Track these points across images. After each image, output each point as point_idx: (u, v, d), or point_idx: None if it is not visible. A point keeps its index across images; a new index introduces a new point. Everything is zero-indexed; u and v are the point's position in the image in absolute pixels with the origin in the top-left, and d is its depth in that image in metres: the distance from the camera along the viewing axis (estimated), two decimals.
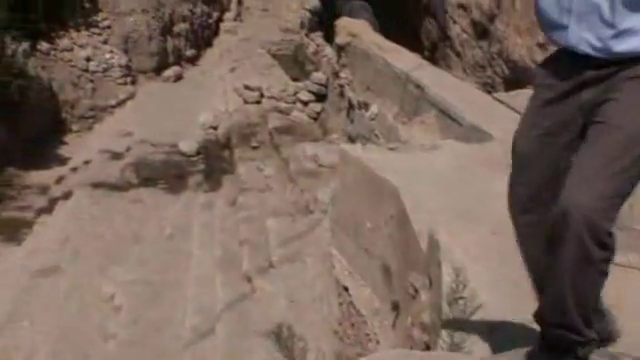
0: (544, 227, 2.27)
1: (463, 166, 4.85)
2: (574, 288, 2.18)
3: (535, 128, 2.39)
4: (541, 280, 2.41)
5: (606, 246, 2.15)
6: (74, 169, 12.96)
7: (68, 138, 15.43)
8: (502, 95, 7.35)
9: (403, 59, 9.59)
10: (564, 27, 2.27)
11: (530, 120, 2.43)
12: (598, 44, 2.20)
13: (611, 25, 2.16)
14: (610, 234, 2.14)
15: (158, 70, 18.01)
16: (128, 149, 13.33)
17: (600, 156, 2.14)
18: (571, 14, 2.23)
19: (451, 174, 4.79)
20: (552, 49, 2.46)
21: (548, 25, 2.34)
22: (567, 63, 2.30)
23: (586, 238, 2.10)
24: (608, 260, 2.19)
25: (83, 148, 14.34)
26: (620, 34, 2.17)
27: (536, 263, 2.46)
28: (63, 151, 14.58)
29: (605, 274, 2.21)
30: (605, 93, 2.21)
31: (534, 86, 2.50)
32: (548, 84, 2.38)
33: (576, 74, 2.27)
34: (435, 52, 10.88)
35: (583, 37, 2.22)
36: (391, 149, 5.71)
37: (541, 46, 8.72)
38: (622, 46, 2.17)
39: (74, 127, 15.75)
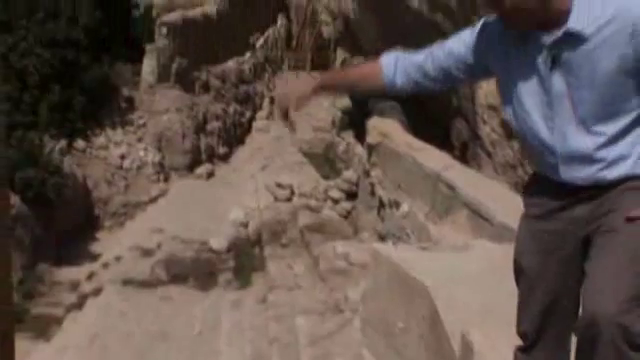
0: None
1: (495, 266, 4.79)
2: None
3: (533, 247, 2.44)
4: None
5: (639, 348, 2.13)
6: (105, 265, 13.04)
7: (100, 234, 15.62)
8: None
9: (433, 158, 9.67)
10: (553, 167, 2.34)
11: (527, 240, 2.47)
12: (590, 179, 2.28)
13: (599, 161, 2.26)
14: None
15: (191, 167, 18.32)
16: (159, 246, 13.40)
17: (617, 261, 2.17)
18: (557, 157, 2.31)
19: (483, 274, 4.74)
20: None
21: (538, 163, 2.43)
22: (558, 185, 2.36)
23: (620, 343, 2.09)
24: None
25: (114, 244, 14.47)
26: (609, 165, 2.26)
27: None
28: (95, 247, 14.73)
29: None
30: (602, 207, 2.28)
31: (524, 205, 2.53)
32: (539, 202, 2.44)
33: (569, 195, 2.34)
34: (466, 152, 10.96)
35: (574, 175, 2.30)
36: (423, 248, 5.69)
37: None
38: (614, 174, 2.26)
39: (106, 223, 15.96)
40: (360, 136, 14.14)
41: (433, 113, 12.39)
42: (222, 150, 20.12)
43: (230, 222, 14.52)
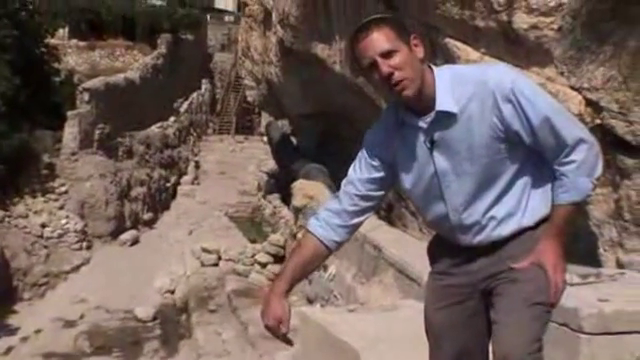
0: None
1: (423, 326, 4.83)
2: None
3: (440, 301, 2.60)
4: None
5: None
6: (24, 339, 12.57)
7: (19, 306, 15.04)
8: None
9: None
10: (452, 235, 2.54)
11: (434, 295, 2.64)
12: (487, 240, 2.48)
13: (491, 222, 2.45)
14: None
15: (115, 234, 17.98)
16: (82, 316, 13.05)
17: (518, 307, 2.38)
18: (454, 228, 2.51)
19: (411, 335, 4.76)
20: None
21: (438, 231, 2.63)
22: (457, 244, 2.56)
23: None
24: None
25: (34, 316, 13.97)
26: (500, 223, 2.45)
27: None
28: (13, 320, 14.16)
29: None
30: (500, 259, 2.46)
31: (430, 262, 2.71)
32: (442, 259, 2.62)
33: (469, 250, 2.52)
34: (391, 212, 11.09)
35: (471, 240, 2.50)
36: (351, 310, 5.69)
37: None
38: (507, 230, 2.46)
39: (26, 295, 15.41)
40: (286, 199, 14.18)
41: None
42: (147, 216, 19.86)
43: (156, 289, 14.27)
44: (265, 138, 21.27)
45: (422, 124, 2.43)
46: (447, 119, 2.39)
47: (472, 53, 7.43)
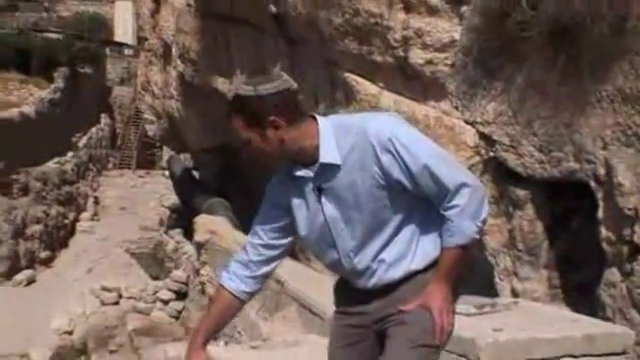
0: None
1: None
2: None
3: (340, 341, 2.67)
4: None
5: None
6: None
7: None
8: None
9: None
10: (348, 278, 2.62)
11: (335, 334, 2.70)
12: (380, 283, 2.54)
13: (381, 265, 2.52)
14: None
15: (9, 274, 17.32)
16: None
17: (401, 350, 2.44)
18: (348, 272, 2.58)
19: None
20: None
21: (336, 274, 2.70)
22: (355, 286, 2.63)
23: None
24: None
25: None
26: (391, 266, 2.52)
27: None
28: None
29: None
30: (392, 301, 2.52)
31: (334, 301, 2.78)
32: (343, 299, 2.69)
33: (366, 292, 2.58)
34: (294, 245, 11.14)
35: (366, 283, 2.56)
36: (253, 347, 5.64)
37: None
38: (399, 272, 2.52)
39: None
40: (189, 234, 14.00)
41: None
42: (44, 254, 19.22)
43: (53, 330, 13.77)
44: (167, 172, 20.99)
45: (309, 174, 2.50)
46: (331, 170, 2.47)
47: (371, 87, 7.58)
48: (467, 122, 6.60)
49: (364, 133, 2.44)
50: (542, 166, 5.91)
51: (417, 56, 6.87)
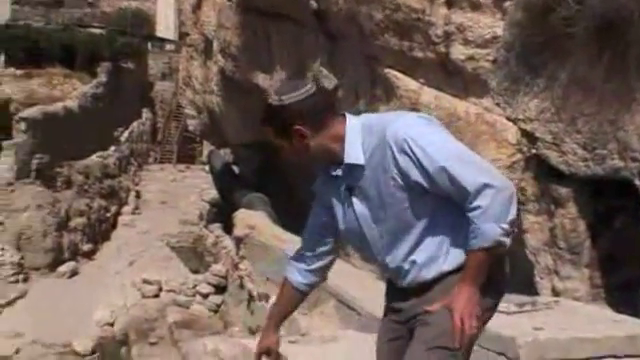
0: None
1: (363, 357, 4.83)
2: None
3: (385, 335, 2.72)
4: None
5: None
6: None
7: None
8: None
9: None
10: (386, 275, 2.69)
11: (382, 329, 2.75)
12: (413, 283, 2.55)
13: (413, 266, 2.53)
14: None
15: (53, 266, 17.57)
16: (17, 351, 12.69)
17: (418, 350, 2.45)
18: (384, 269, 2.65)
19: None
20: None
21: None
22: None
23: None
24: None
25: None
26: (423, 267, 2.52)
27: None
28: None
29: None
30: (423, 303, 2.52)
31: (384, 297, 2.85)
32: (389, 295, 2.73)
33: (403, 290, 2.60)
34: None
35: (402, 282, 2.58)
36: (292, 342, 5.66)
37: None
38: (431, 273, 2.52)
39: None
40: (228, 229, 14.08)
41: (300, 204, 12.55)
42: (86, 247, 19.47)
43: (95, 322, 13.97)
44: (207, 167, 21.13)
45: (337, 173, 2.55)
46: (356, 170, 2.51)
47: (411, 83, 7.55)
48: (509, 119, 6.54)
49: (383, 134, 2.45)
50: (585, 164, 5.83)
51: (459, 52, 6.82)
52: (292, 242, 10.09)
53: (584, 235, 6.03)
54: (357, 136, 2.50)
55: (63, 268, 17.54)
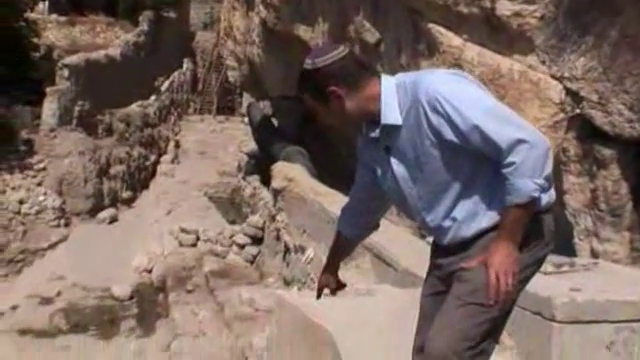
0: None
1: (398, 312, 4.85)
2: None
3: (426, 291, 2.76)
4: None
5: None
6: (0, 315, 12.50)
7: None
8: None
9: (338, 204, 9.74)
10: (426, 231, 2.72)
11: (426, 284, 2.79)
12: (454, 240, 2.56)
13: (452, 224, 2.54)
14: None
15: (93, 212, 17.86)
16: (58, 293, 12.99)
17: (452, 306, 2.47)
18: (424, 226, 2.67)
19: (386, 320, 4.79)
20: None
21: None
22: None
23: None
24: None
25: (11, 293, 13.89)
26: (463, 224, 2.52)
27: None
28: None
29: None
30: (462, 260, 2.53)
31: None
32: (433, 251, 2.75)
33: (445, 247, 2.62)
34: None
35: (441, 239, 2.60)
36: (326, 294, 5.69)
37: None
38: (471, 230, 2.52)
39: (2, 271, 15.31)
40: (266, 181, 14.15)
41: (339, 158, 12.56)
42: (126, 194, 19.74)
43: (133, 268, 14.22)
44: (246, 119, 21.16)
45: (376, 135, 2.58)
46: (393, 130, 2.52)
47: (455, 39, 7.44)
48: (554, 77, 6.42)
49: (417, 93, 2.45)
50: (631, 125, 5.72)
51: (504, 7, 6.68)
52: (330, 195, 10.12)
53: (626, 198, 5.94)
54: (393, 96, 2.51)
55: (103, 214, 17.82)
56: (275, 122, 17.56)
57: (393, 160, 2.57)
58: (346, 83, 2.51)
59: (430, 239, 2.83)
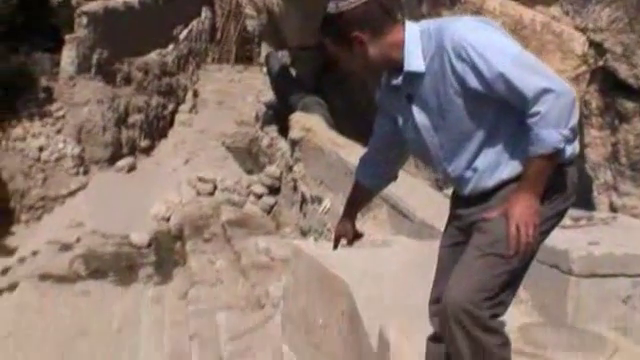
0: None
1: (414, 263, 4.87)
2: None
3: (447, 240, 2.74)
4: None
5: (492, 330, 2.38)
6: (21, 260, 12.69)
7: (16, 228, 15.16)
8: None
9: (356, 155, 9.71)
10: (447, 182, 2.73)
11: (445, 234, 2.77)
12: (475, 190, 2.53)
13: (474, 174, 2.51)
14: (494, 320, 2.39)
15: (111, 160, 17.96)
16: (78, 240, 13.14)
17: (471, 257, 2.45)
18: (445, 176, 2.65)
19: (402, 271, 4.81)
20: None
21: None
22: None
23: (468, 325, 2.35)
24: (503, 345, 2.42)
25: (31, 238, 14.08)
26: (484, 174, 2.49)
27: None
28: (10, 241, 14.29)
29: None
30: (483, 211, 2.50)
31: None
32: (452, 202, 2.74)
33: (466, 198, 2.60)
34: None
35: (464, 189, 2.57)
36: (343, 245, 5.71)
37: None
38: (493, 180, 2.49)
39: (23, 217, 15.50)
40: (284, 131, 14.13)
41: (357, 109, 12.50)
42: (144, 143, 19.80)
43: (151, 216, 14.33)
44: (264, 69, 21.04)
45: (398, 82, 2.54)
46: (416, 78, 2.48)
47: None
48: (577, 28, 6.31)
49: (441, 40, 2.40)
50: None
51: None
52: (348, 146, 10.10)
53: None
54: (416, 43, 2.47)
55: (121, 163, 17.92)
56: (293, 72, 17.46)
57: (415, 109, 2.53)
58: (370, 29, 2.46)
59: (449, 191, 2.82)
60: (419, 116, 2.53)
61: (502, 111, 2.42)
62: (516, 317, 3.64)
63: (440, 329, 2.55)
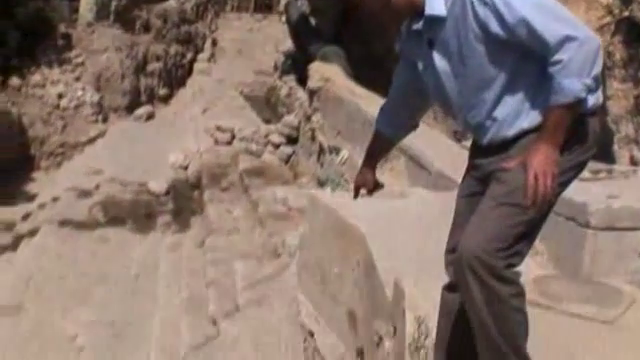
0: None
1: (430, 214, 4.87)
2: (500, 332, 2.38)
3: (464, 190, 2.70)
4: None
5: (506, 280, 2.35)
6: (41, 206, 12.82)
7: (36, 174, 15.30)
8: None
9: (375, 105, 9.67)
10: (466, 130, 2.67)
11: (462, 184, 2.73)
12: (495, 140, 2.49)
13: (494, 123, 2.47)
14: (509, 270, 2.36)
15: (130, 108, 18.01)
16: (97, 187, 13.24)
17: (487, 206, 2.42)
18: (464, 125, 2.60)
19: (418, 222, 4.80)
20: None
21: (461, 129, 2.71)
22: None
23: (483, 275, 2.33)
24: (517, 295, 2.39)
25: (51, 185, 14.21)
26: (504, 123, 2.45)
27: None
28: (31, 187, 14.44)
29: (520, 310, 2.41)
30: (502, 161, 2.46)
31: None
32: (471, 153, 2.69)
33: (485, 148, 2.55)
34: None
35: (482, 139, 2.53)
36: (363, 194, 5.71)
37: None
38: (513, 130, 2.44)
39: (43, 164, 15.63)
40: (302, 80, 14.05)
41: (376, 59, 12.39)
42: (162, 91, 19.80)
43: (170, 165, 14.39)
44: (284, 18, 20.86)
45: (419, 27, 2.51)
46: (437, 22, 2.45)
47: None
48: None
49: None
50: None
51: None
52: (366, 96, 10.04)
53: None
54: None
55: (140, 111, 17.95)
56: (313, 21, 17.28)
57: (436, 54, 2.50)
58: None
59: (467, 143, 2.78)
60: (440, 62, 2.50)
61: (523, 59, 2.37)
62: (532, 269, 3.64)
63: (455, 278, 2.54)
